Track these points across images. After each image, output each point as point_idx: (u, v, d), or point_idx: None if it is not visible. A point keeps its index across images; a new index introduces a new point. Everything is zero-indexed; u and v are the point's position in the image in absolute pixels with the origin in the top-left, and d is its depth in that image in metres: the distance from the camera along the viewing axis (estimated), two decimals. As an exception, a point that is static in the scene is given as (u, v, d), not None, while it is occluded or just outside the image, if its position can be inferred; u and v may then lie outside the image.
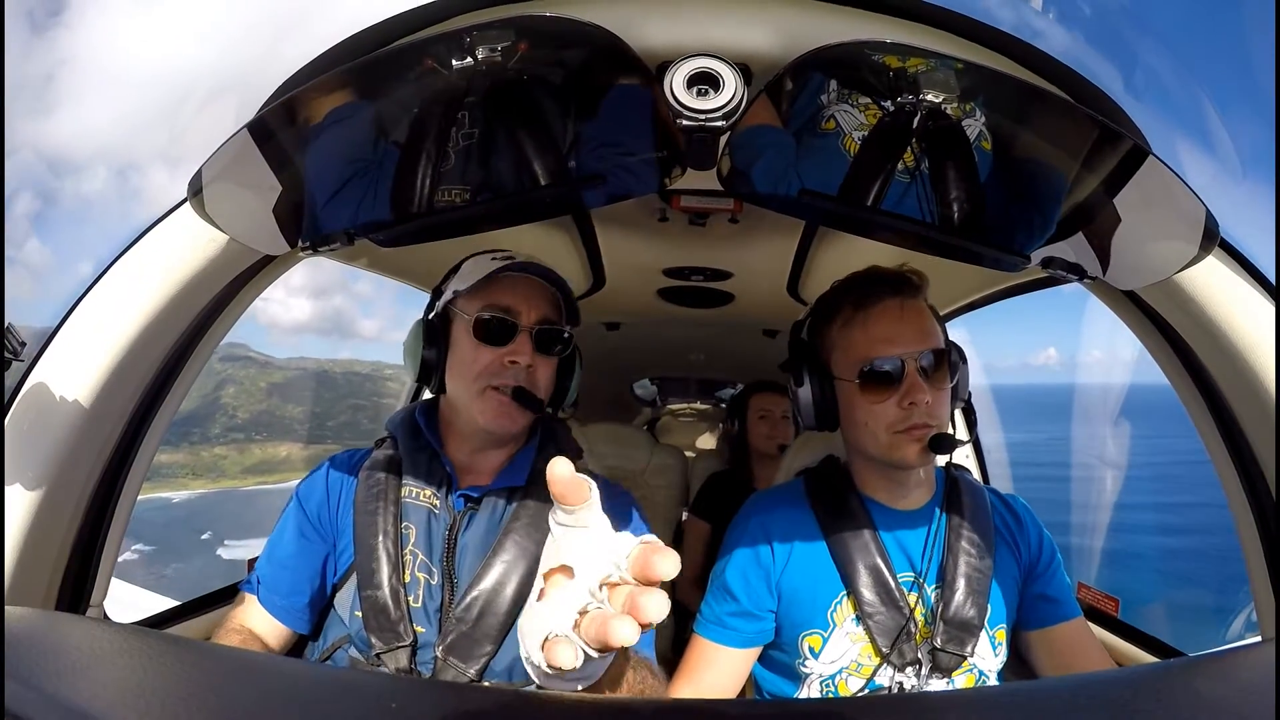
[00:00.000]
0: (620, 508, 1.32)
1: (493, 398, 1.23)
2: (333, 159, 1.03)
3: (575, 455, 1.39)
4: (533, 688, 0.70)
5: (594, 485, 0.72)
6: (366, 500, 1.27)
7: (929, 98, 0.90)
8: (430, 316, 1.31)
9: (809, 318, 1.38)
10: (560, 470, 0.69)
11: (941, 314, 2.23)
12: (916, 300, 1.27)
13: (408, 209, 1.04)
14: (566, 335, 1.30)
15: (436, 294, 1.34)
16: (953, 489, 1.34)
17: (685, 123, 0.81)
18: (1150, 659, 1.63)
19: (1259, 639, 1.24)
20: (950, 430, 1.27)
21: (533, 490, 1.28)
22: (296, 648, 1.35)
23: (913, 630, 1.22)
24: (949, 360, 1.24)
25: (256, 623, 1.27)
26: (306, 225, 1.11)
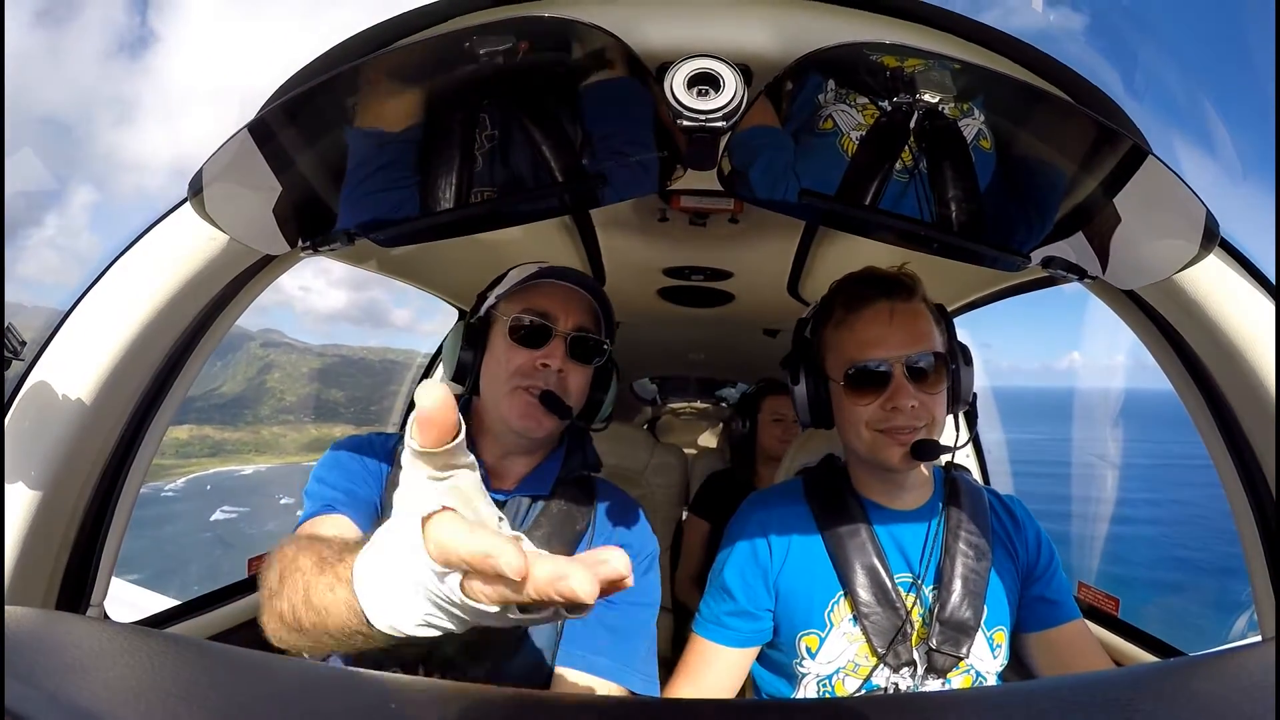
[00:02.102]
0: (624, 512, 1.32)
1: (521, 398, 1.23)
2: (333, 159, 1.03)
3: (595, 467, 1.39)
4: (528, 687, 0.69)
5: (462, 426, 0.66)
6: (393, 494, 1.25)
7: (927, 98, 0.90)
8: (472, 320, 1.32)
9: (811, 317, 1.39)
10: (428, 399, 0.63)
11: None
12: (910, 303, 1.26)
13: (406, 209, 1.04)
14: (604, 346, 1.30)
15: (480, 299, 1.35)
16: (951, 490, 1.34)
17: (685, 123, 0.80)
18: (1150, 659, 1.63)
19: (1259, 639, 1.23)
20: (952, 432, 1.28)
21: (555, 500, 1.28)
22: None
23: (909, 631, 1.22)
24: (945, 363, 1.24)
25: (343, 530, 1.11)
26: (306, 225, 1.11)
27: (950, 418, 1.30)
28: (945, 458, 1.21)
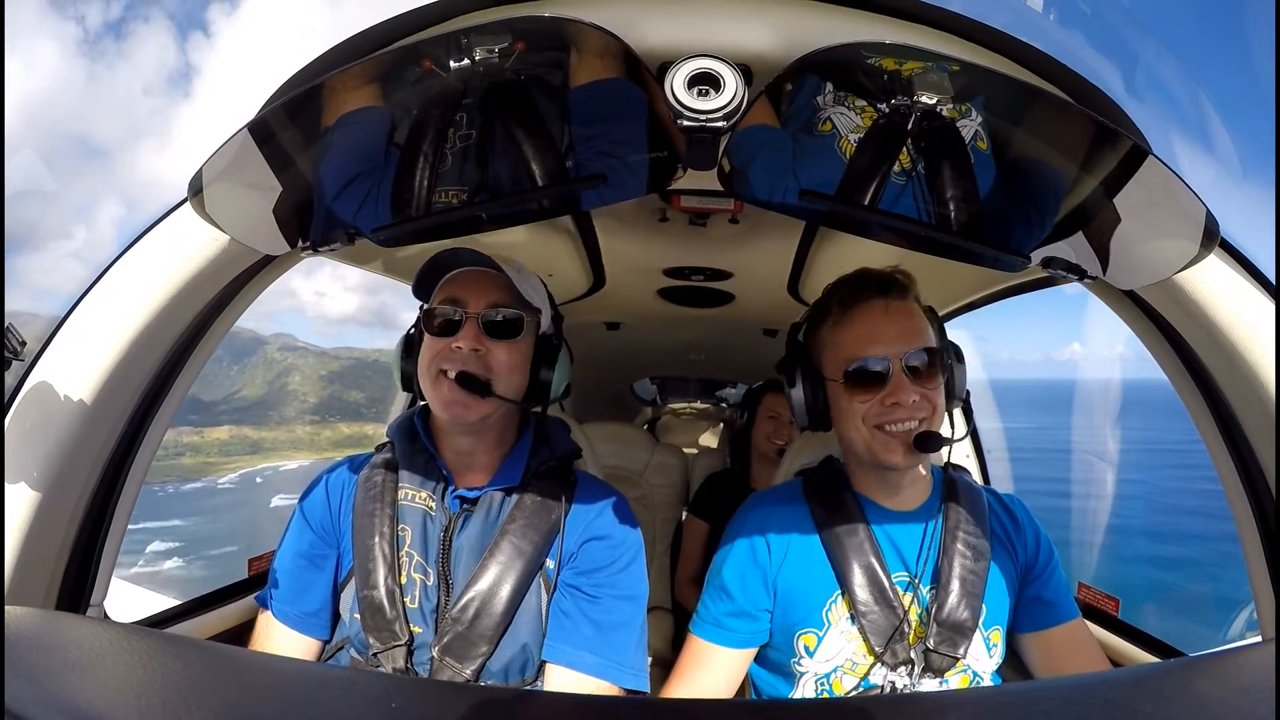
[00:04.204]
0: (604, 503, 1.33)
1: (444, 384, 1.24)
2: (333, 159, 1.03)
3: (573, 455, 1.39)
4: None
5: None
6: (364, 503, 1.28)
7: (926, 99, 0.90)
8: (411, 330, 1.36)
9: (804, 320, 1.39)
10: None
11: (943, 313, 2.24)
12: (904, 301, 1.27)
13: (406, 209, 1.04)
14: (519, 317, 1.28)
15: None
16: (950, 490, 1.34)
17: (686, 123, 0.80)
18: (1150, 659, 1.63)
19: (1259, 639, 1.23)
20: (947, 427, 1.28)
21: (528, 491, 1.29)
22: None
23: (906, 630, 1.22)
24: (940, 360, 1.25)
25: (278, 638, 1.29)
26: (306, 225, 1.11)
27: (946, 414, 1.30)
28: (956, 453, 1.21)
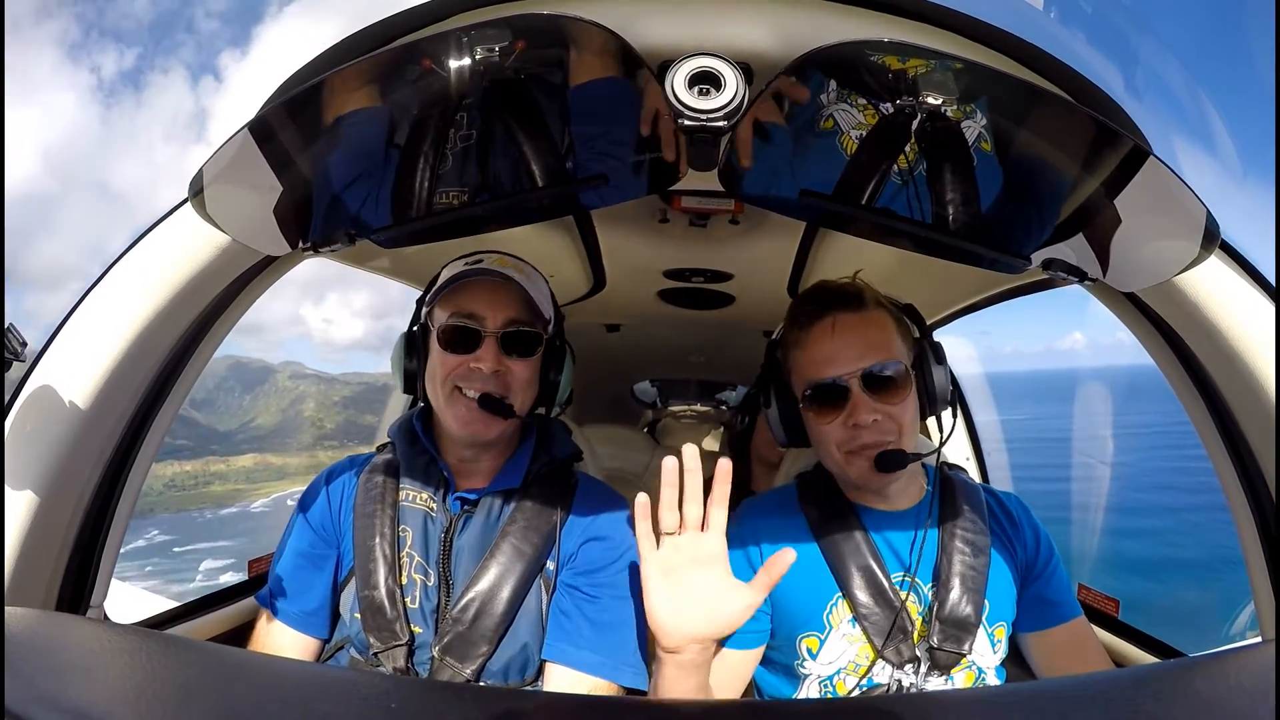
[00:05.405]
0: (604, 505, 1.33)
1: (460, 402, 1.23)
2: (333, 159, 1.03)
3: (574, 457, 1.39)
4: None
5: None
6: (365, 504, 1.28)
7: (928, 98, 0.90)
8: (413, 328, 1.33)
9: (779, 338, 1.39)
10: None
11: (943, 315, 2.24)
12: (859, 313, 1.25)
13: (407, 209, 1.04)
14: (538, 335, 1.28)
15: (420, 304, 1.35)
16: (945, 488, 1.34)
17: (686, 122, 0.80)
18: (1150, 659, 1.63)
19: (1259, 639, 1.23)
20: (933, 430, 1.27)
21: (529, 493, 1.28)
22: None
23: (909, 629, 1.22)
24: (907, 369, 1.23)
25: (278, 638, 1.29)
26: (307, 225, 1.11)
27: (933, 419, 1.30)
28: (955, 454, 1.21)
